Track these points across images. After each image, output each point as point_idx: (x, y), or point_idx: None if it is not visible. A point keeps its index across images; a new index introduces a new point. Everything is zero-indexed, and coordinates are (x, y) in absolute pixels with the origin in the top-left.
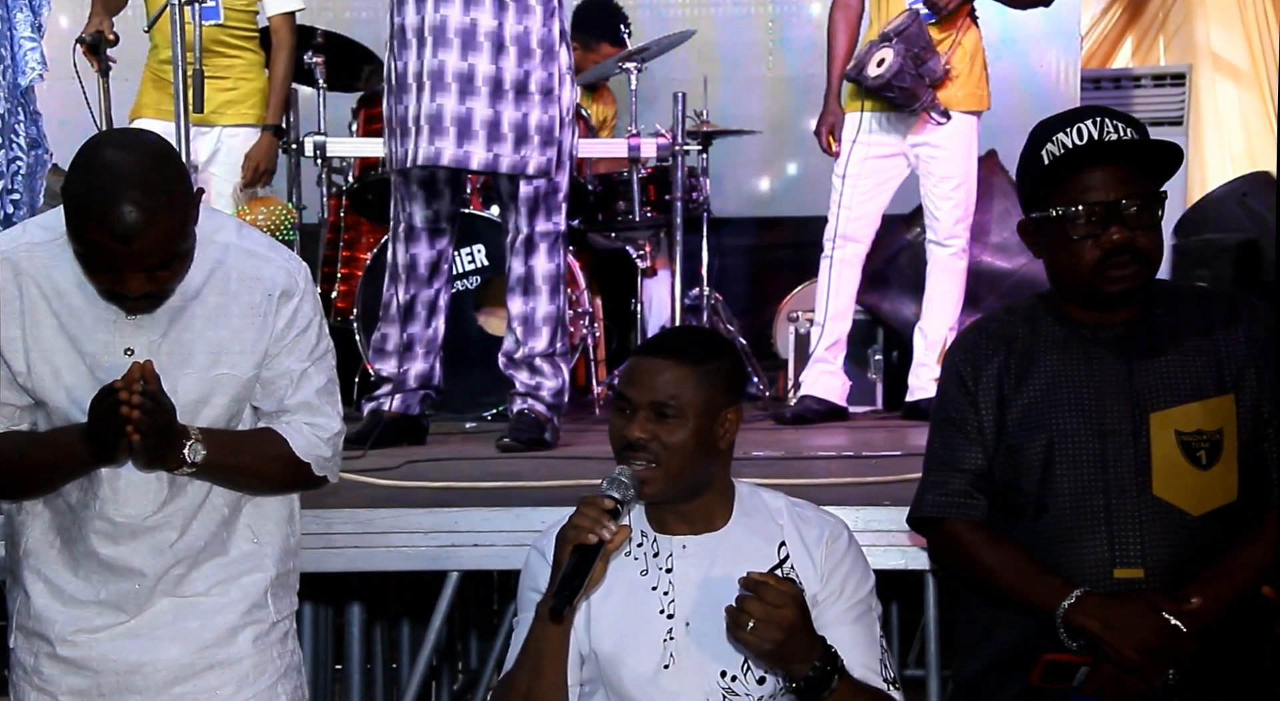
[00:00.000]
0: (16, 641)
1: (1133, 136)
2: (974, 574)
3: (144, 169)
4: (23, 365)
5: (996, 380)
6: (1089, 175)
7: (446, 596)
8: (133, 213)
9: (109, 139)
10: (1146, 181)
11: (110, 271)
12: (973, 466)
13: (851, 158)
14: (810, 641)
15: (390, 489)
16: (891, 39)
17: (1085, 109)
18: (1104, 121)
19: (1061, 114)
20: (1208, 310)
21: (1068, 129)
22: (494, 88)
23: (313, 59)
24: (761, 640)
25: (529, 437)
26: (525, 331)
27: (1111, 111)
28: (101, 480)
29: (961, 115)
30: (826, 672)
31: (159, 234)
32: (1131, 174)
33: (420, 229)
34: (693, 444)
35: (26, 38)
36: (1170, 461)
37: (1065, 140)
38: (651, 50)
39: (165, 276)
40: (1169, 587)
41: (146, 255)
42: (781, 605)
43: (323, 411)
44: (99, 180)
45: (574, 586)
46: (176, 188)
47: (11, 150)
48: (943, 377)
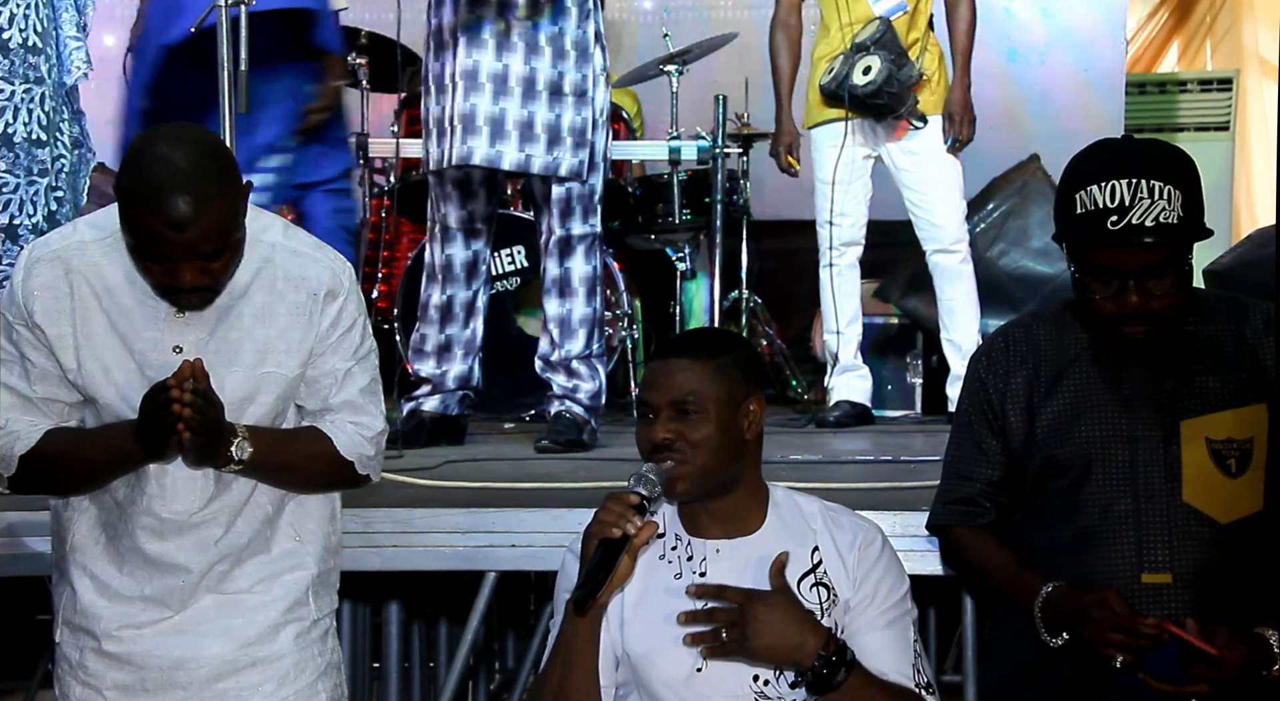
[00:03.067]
0: (62, 636)
1: (1160, 223)
2: (969, 576)
3: (195, 160)
4: (73, 362)
5: (1025, 388)
6: (1110, 251)
7: (484, 596)
8: (186, 201)
9: (160, 134)
10: (1174, 247)
11: (165, 261)
12: (983, 477)
13: (840, 163)
14: (804, 632)
15: (428, 489)
16: (870, 48)
17: (1128, 156)
18: (1139, 189)
19: (1106, 151)
20: (1241, 319)
21: (1102, 184)
22: (527, 88)
23: (356, 60)
24: (741, 641)
25: (567, 439)
26: (561, 333)
27: (1154, 164)
28: (149, 476)
29: (935, 118)
30: (833, 663)
31: (212, 221)
32: (1156, 246)
33: (455, 229)
34: (718, 437)
35: (72, 37)
36: (1200, 468)
37: (1098, 197)
38: (693, 53)
39: (218, 267)
40: (1196, 593)
41: (200, 243)
42: (738, 600)
43: (366, 410)
44: (152, 171)
45: (598, 580)
46: (227, 177)
47: (56, 148)
48: (964, 386)
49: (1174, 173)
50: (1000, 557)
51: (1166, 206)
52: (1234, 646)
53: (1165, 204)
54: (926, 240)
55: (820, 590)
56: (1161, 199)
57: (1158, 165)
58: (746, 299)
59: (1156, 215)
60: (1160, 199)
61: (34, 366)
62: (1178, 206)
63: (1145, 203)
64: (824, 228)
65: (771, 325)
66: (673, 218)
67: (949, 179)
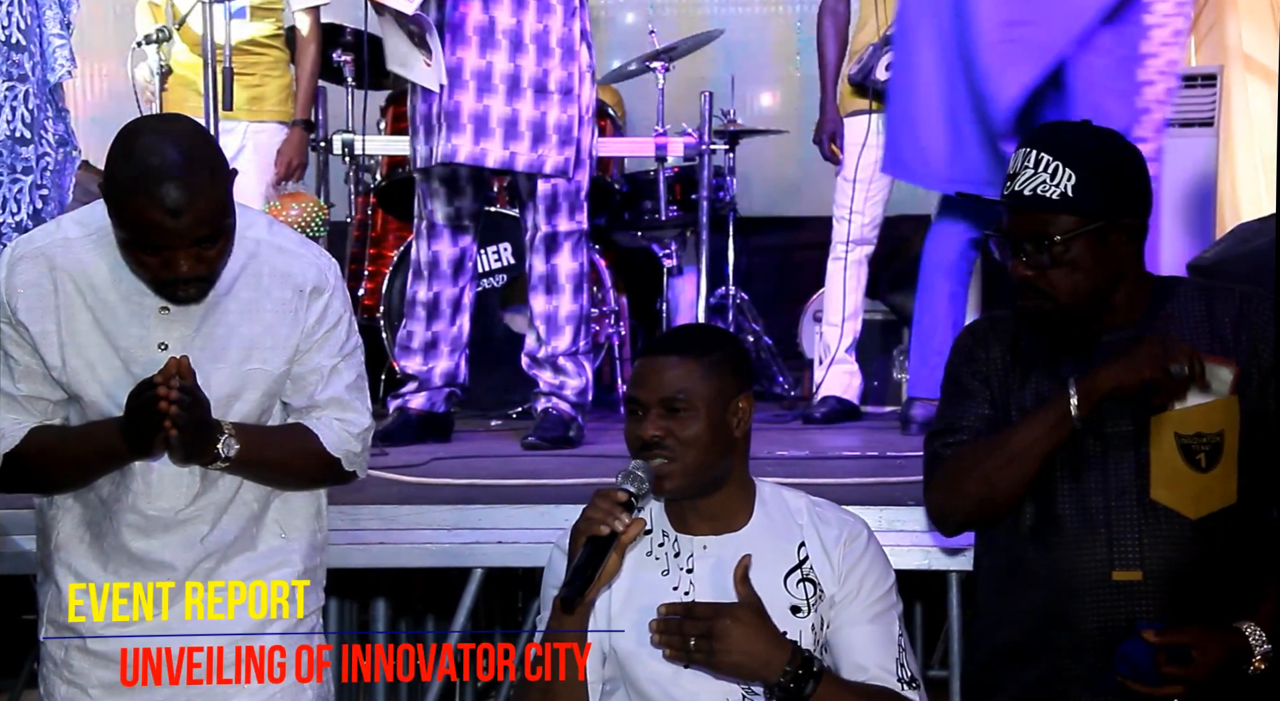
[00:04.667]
0: (47, 634)
1: (1036, 194)
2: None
3: (184, 146)
4: (58, 359)
5: (1001, 367)
6: (1006, 214)
7: (470, 593)
8: (181, 185)
9: (145, 124)
10: (1077, 218)
11: (161, 251)
12: (971, 414)
13: (861, 161)
14: (770, 648)
15: (415, 486)
16: None
17: (1051, 133)
18: (1028, 159)
19: (1046, 126)
20: (1213, 310)
21: (1019, 151)
22: (511, 85)
23: (341, 58)
24: (709, 655)
25: (554, 436)
26: (548, 330)
27: (1063, 142)
28: (135, 473)
29: None
30: (800, 676)
31: (207, 205)
32: (1028, 214)
33: (442, 226)
34: (708, 435)
35: (55, 34)
36: (1169, 464)
37: (1015, 160)
38: (679, 49)
39: (214, 254)
40: (1167, 590)
41: (197, 227)
42: (706, 617)
43: (352, 407)
44: (143, 160)
45: (586, 577)
46: (216, 162)
47: (41, 146)
48: (950, 358)
49: (1077, 154)
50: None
51: (1049, 181)
52: (1207, 645)
53: (1048, 178)
54: None
55: (807, 586)
56: (1045, 172)
57: (1064, 144)
58: (733, 295)
59: (1035, 187)
60: (1044, 172)
61: (18, 364)
62: (1065, 185)
63: (1028, 172)
64: (841, 222)
65: (758, 321)
66: (659, 214)
67: None
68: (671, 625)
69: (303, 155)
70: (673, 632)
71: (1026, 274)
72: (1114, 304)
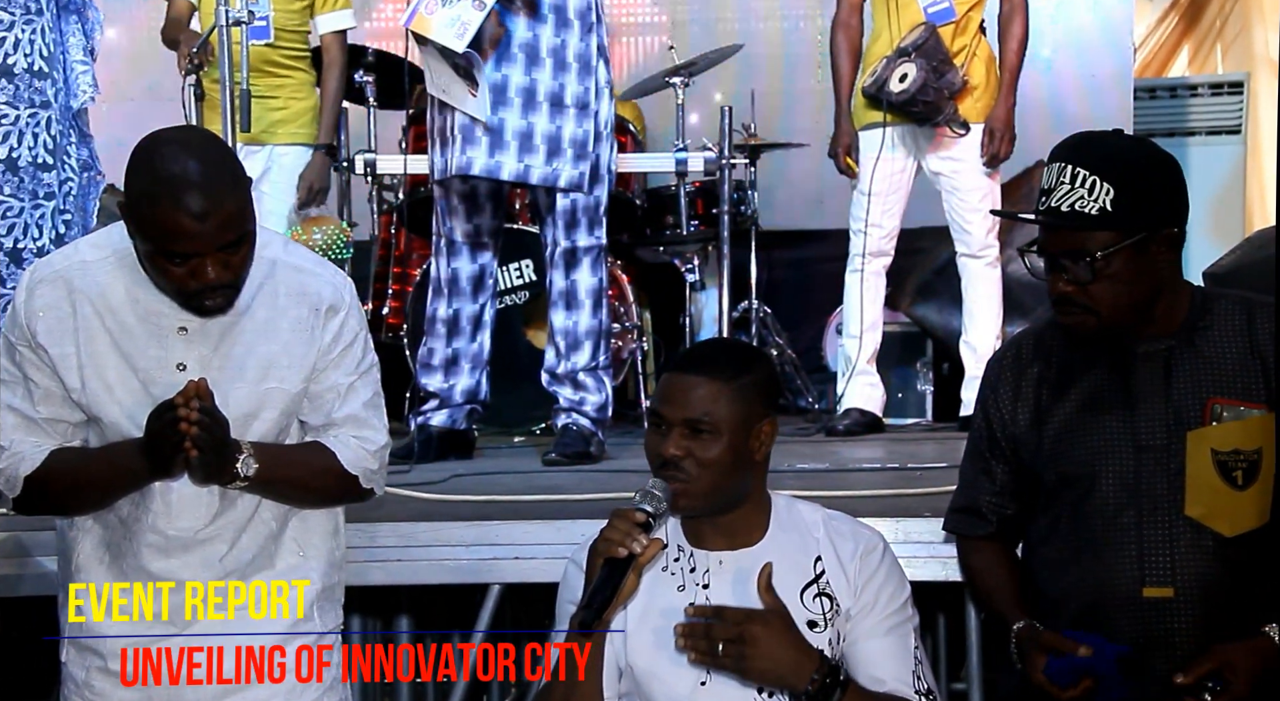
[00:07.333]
0: (68, 655)
1: (1075, 210)
2: (968, 586)
3: (204, 153)
4: (77, 381)
5: (1034, 388)
6: (1042, 231)
7: (488, 609)
8: (204, 191)
9: (161, 135)
10: (1118, 233)
11: (188, 259)
12: (988, 490)
13: (876, 174)
14: (800, 655)
15: (434, 502)
16: (910, 53)
17: (1085, 145)
18: (1064, 174)
19: (1079, 138)
20: (1252, 324)
21: (1052, 165)
22: (528, 99)
23: (363, 78)
24: (738, 660)
25: (574, 452)
26: (568, 346)
27: (1098, 156)
28: (154, 493)
29: (978, 126)
30: (827, 685)
31: (230, 209)
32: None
33: (461, 243)
34: (729, 459)
35: (79, 61)
36: (1205, 481)
37: (1046, 176)
38: (699, 64)
39: (238, 261)
40: (1199, 607)
41: (223, 231)
42: (737, 622)
43: (369, 424)
44: (165, 169)
45: (603, 599)
46: (235, 169)
47: (64, 171)
48: (979, 395)
49: (1113, 167)
50: (995, 578)
51: (1086, 196)
52: (1235, 662)
53: (1085, 193)
54: (956, 242)
55: (823, 601)
56: (1083, 188)
57: (1100, 158)
58: (756, 309)
59: (1074, 203)
60: (1082, 188)
61: (37, 387)
62: (1104, 199)
63: (1065, 188)
64: (857, 235)
65: (781, 335)
66: (681, 229)
67: (983, 189)
68: (698, 629)
69: (325, 180)
70: (699, 637)
71: (1067, 290)
72: (1154, 315)
